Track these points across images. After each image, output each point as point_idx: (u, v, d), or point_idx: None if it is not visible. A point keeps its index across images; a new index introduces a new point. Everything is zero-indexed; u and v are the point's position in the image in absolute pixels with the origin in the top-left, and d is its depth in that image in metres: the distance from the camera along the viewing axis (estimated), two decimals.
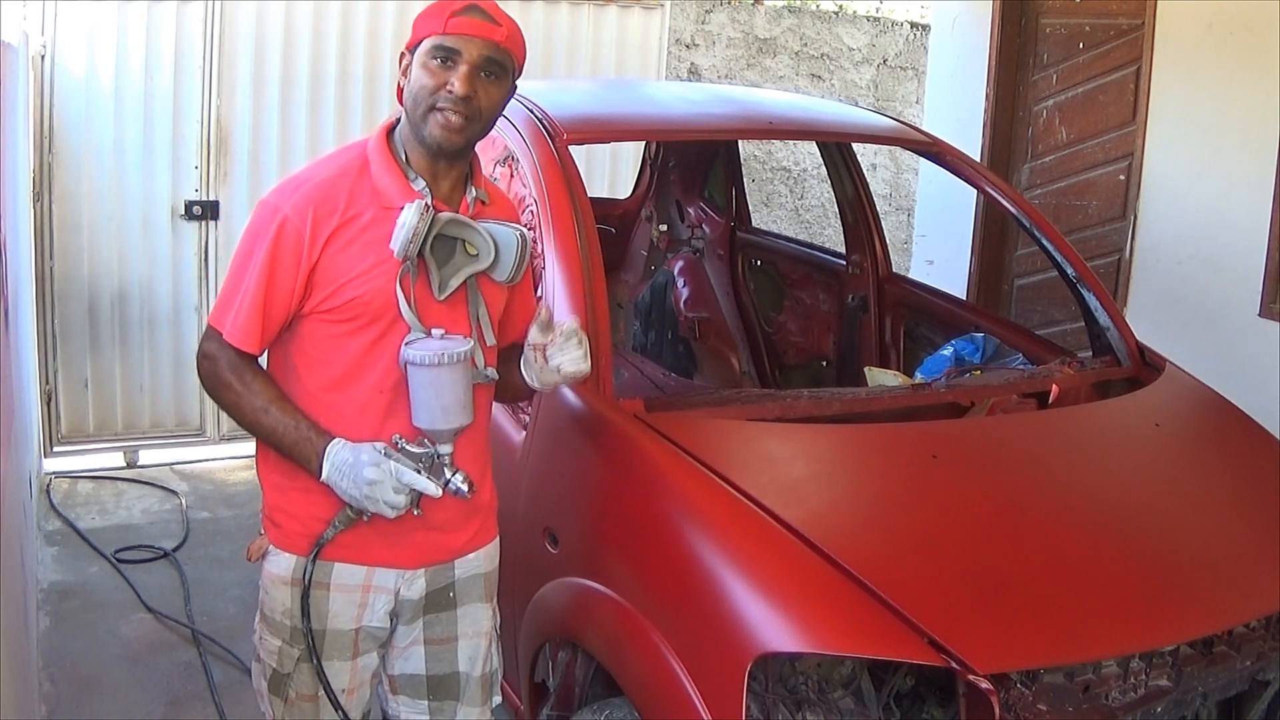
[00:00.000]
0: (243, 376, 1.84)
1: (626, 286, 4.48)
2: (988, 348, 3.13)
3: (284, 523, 1.94)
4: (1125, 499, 2.32)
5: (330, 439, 1.82)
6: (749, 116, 3.30)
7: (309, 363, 1.87)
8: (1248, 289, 4.23)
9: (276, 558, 1.94)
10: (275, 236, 1.80)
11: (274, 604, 1.95)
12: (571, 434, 2.35)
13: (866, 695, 1.86)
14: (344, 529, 1.87)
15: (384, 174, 1.86)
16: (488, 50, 1.83)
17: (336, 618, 1.94)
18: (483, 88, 1.84)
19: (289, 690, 1.97)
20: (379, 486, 1.78)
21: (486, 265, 1.88)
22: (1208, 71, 4.38)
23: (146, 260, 4.61)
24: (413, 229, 1.77)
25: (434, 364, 1.79)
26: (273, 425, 1.83)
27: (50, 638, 3.41)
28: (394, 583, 1.97)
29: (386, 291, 1.82)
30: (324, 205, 1.81)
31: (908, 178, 7.94)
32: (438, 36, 1.81)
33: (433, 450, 1.83)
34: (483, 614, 2.08)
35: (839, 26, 7.79)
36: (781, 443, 2.33)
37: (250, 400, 1.84)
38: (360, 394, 1.86)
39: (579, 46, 5.32)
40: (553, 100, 2.93)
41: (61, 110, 4.39)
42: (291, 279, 1.81)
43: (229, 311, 1.83)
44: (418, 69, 1.83)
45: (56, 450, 4.65)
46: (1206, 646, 2.04)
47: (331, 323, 1.84)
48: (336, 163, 1.89)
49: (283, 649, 1.95)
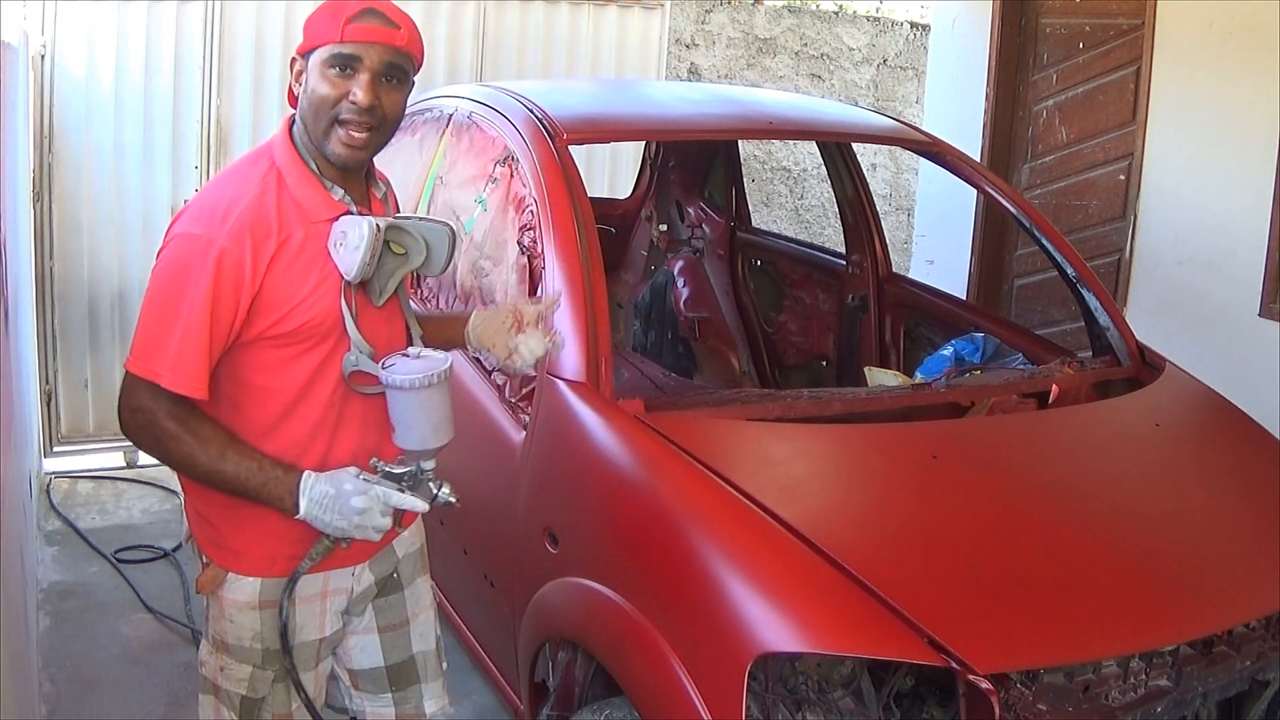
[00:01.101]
0: (187, 424, 1.71)
1: (626, 286, 4.48)
2: (988, 348, 3.13)
3: (242, 548, 1.86)
4: (1125, 499, 2.32)
5: (299, 474, 1.75)
6: (749, 116, 3.30)
7: (250, 391, 1.79)
8: (1248, 289, 4.23)
9: (239, 584, 1.87)
10: (215, 270, 1.67)
11: (241, 631, 1.88)
12: (571, 434, 2.35)
13: (866, 695, 1.86)
14: (322, 558, 1.83)
15: (303, 188, 1.79)
16: (389, 55, 1.75)
17: (302, 630, 1.91)
18: (385, 94, 1.76)
19: (263, 714, 1.92)
20: (368, 514, 1.73)
21: (419, 264, 1.85)
22: (1208, 71, 4.38)
23: (146, 261, 4.57)
24: (369, 251, 1.73)
25: (423, 386, 1.76)
26: (234, 471, 1.72)
27: (50, 638, 3.41)
28: (346, 583, 1.97)
29: (333, 310, 1.78)
30: (259, 229, 1.72)
31: (908, 178, 7.95)
32: (335, 45, 1.72)
33: (415, 468, 1.80)
34: (424, 588, 2.12)
35: (839, 26, 7.79)
36: (781, 443, 2.33)
37: (204, 449, 1.71)
38: (313, 413, 1.81)
39: (579, 46, 5.32)
40: (553, 100, 2.93)
41: (61, 111, 4.39)
42: (233, 312, 1.70)
43: (163, 356, 1.68)
44: (315, 79, 1.74)
45: (56, 450, 4.65)
46: (1206, 646, 2.03)
47: (279, 347, 1.77)
48: (251, 180, 1.77)
49: (255, 673, 1.89)
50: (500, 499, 2.51)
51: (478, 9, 5.08)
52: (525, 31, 5.21)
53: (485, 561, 2.65)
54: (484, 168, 2.93)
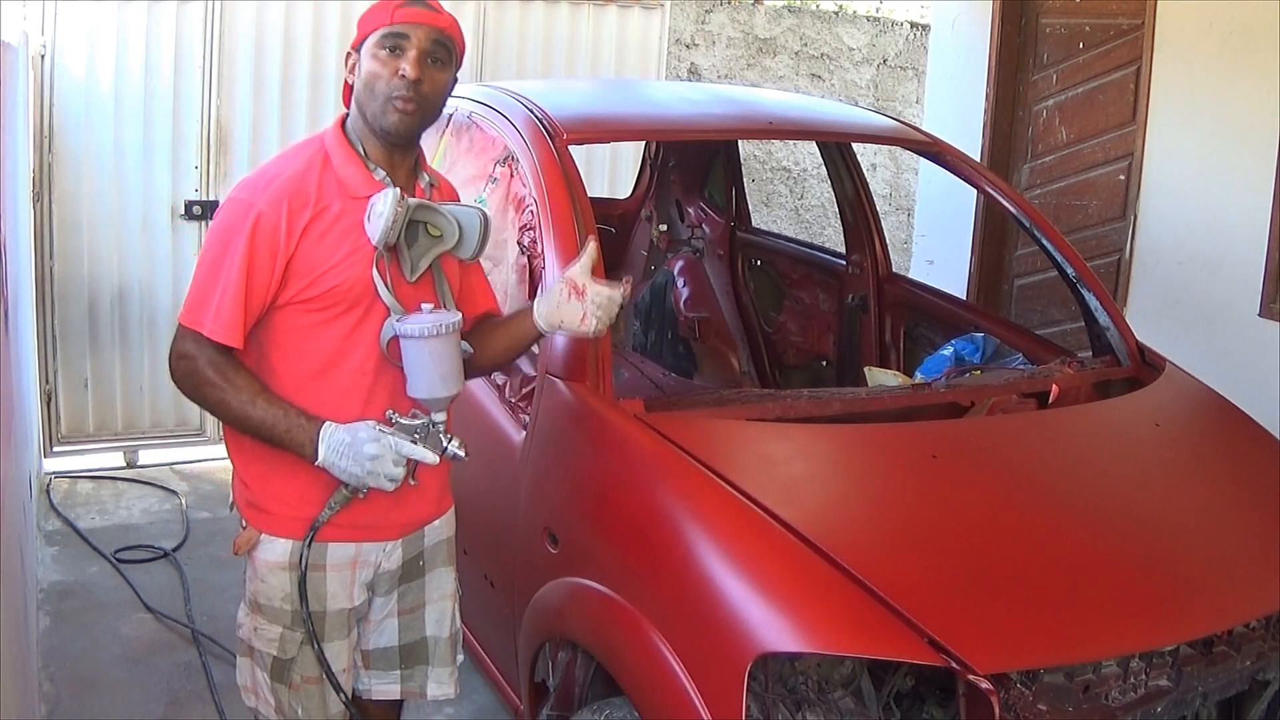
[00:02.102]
0: (224, 372, 1.86)
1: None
2: (988, 348, 3.13)
3: (274, 509, 1.97)
4: (1125, 499, 2.32)
5: (321, 422, 1.86)
6: (749, 116, 3.30)
7: (285, 354, 1.91)
8: (1248, 289, 4.23)
9: (271, 544, 1.97)
10: (252, 231, 1.83)
11: (272, 591, 1.98)
12: (571, 434, 2.35)
13: (866, 695, 1.86)
14: (339, 509, 1.92)
15: (347, 166, 1.92)
16: (434, 35, 1.91)
17: (335, 598, 1.99)
18: (429, 73, 1.91)
19: (293, 675, 2.01)
20: (381, 461, 1.83)
21: (451, 245, 1.95)
22: (1208, 71, 4.38)
23: (146, 260, 4.61)
24: (391, 217, 1.84)
25: (432, 335, 1.86)
26: (261, 416, 1.86)
27: (50, 638, 3.41)
28: (376, 556, 2.03)
29: (363, 278, 1.89)
30: (296, 199, 1.86)
31: (908, 178, 7.94)
32: (385, 27, 1.89)
33: (427, 420, 1.90)
34: (447, 577, 2.18)
35: (839, 26, 7.79)
36: (781, 443, 2.33)
37: (235, 395, 1.86)
38: (342, 379, 1.92)
39: (579, 46, 5.32)
40: (553, 100, 2.93)
41: (61, 110, 4.39)
42: (269, 272, 1.85)
43: (207, 308, 1.85)
44: (368, 60, 1.90)
45: (56, 450, 4.64)
46: (1206, 646, 2.03)
47: (309, 311, 1.89)
48: (300, 158, 1.93)
49: (284, 635, 1.99)
50: (500, 499, 2.51)
51: (478, 9, 5.08)
52: (525, 31, 5.21)
53: (485, 561, 2.65)
54: (484, 168, 2.93)
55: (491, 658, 2.74)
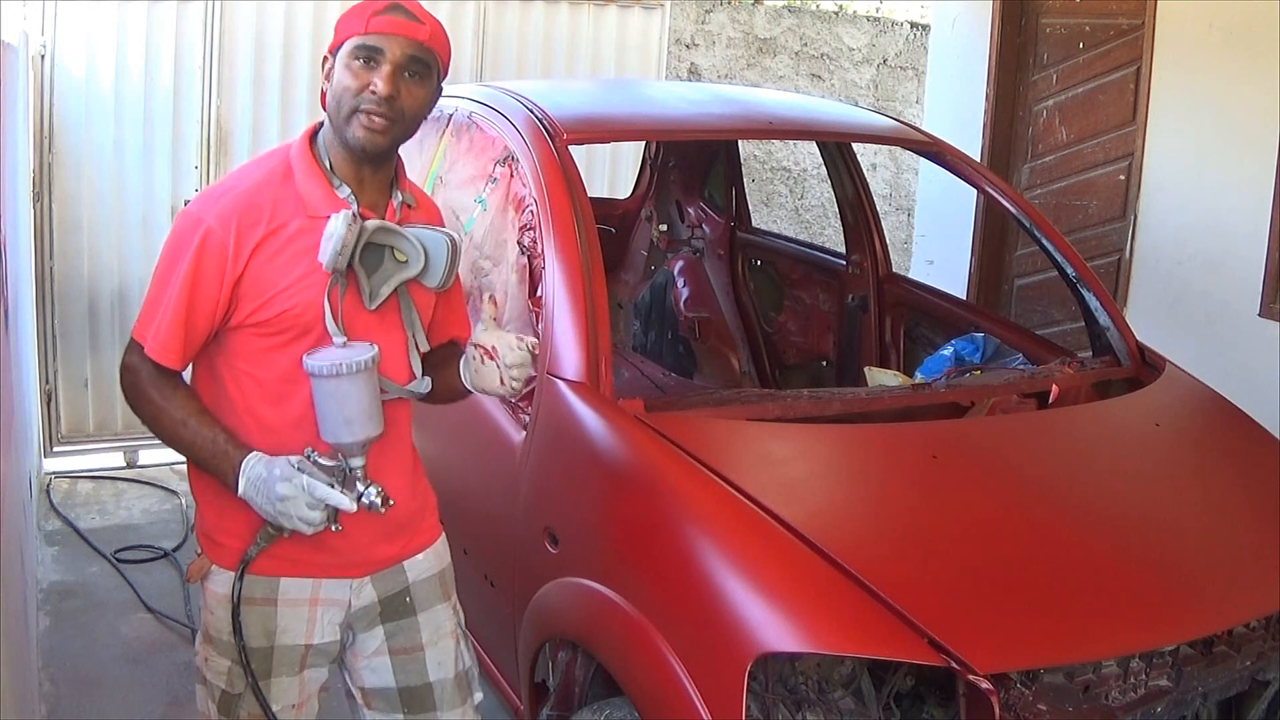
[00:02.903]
0: (161, 390, 1.79)
1: (626, 286, 4.49)
2: (988, 348, 3.13)
3: (225, 541, 1.88)
4: (1125, 499, 2.32)
5: (246, 452, 1.76)
6: (749, 116, 3.30)
7: (238, 378, 1.82)
8: (1248, 289, 4.23)
9: (221, 576, 1.88)
10: (199, 248, 1.74)
11: (220, 624, 1.89)
12: (571, 434, 2.35)
13: (866, 695, 1.86)
14: (266, 545, 1.81)
15: (308, 181, 1.81)
16: (411, 49, 1.77)
17: (284, 633, 1.89)
18: (406, 88, 1.78)
19: (240, 711, 1.92)
20: (292, 503, 1.72)
21: (417, 272, 1.82)
22: (1208, 71, 4.38)
23: (146, 260, 4.60)
24: (340, 240, 1.71)
25: (332, 374, 1.72)
26: (190, 439, 1.77)
27: (50, 638, 3.41)
28: (343, 594, 1.93)
29: (317, 304, 1.77)
30: (248, 215, 1.76)
31: (908, 178, 7.94)
32: (359, 36, 1.77)
33: (342, 463, 1.77)
34: (444, 615, 2.04)
35: (839, 26, 7.78)
36: (781, 443, 2.33)
37: (169, 414, 1.78)
38: (294, 409, 1.81)
39: (579, 46, 5.32)
40: (553, 100, 2.93)
41: (61, 110, 4.39)
42: (215, 291, 1.75)
43: (151, 324, 1.77)
44: (340, 70, 1.78)
45: (56, 450, 4.65)
46: (1206, 646, 2.03)
47: (261, 336, 1.79)
48: (259, 171, 1.83)
49: (232, 669, 1.90)
50: (500, 499, 2.51)
51: (478, 9, 5.08)
52: (525, 31, 5.21)
53: (485, 561, 2.65)
54: (484, 168, 2.93)
55: (491, 658, 2.74)
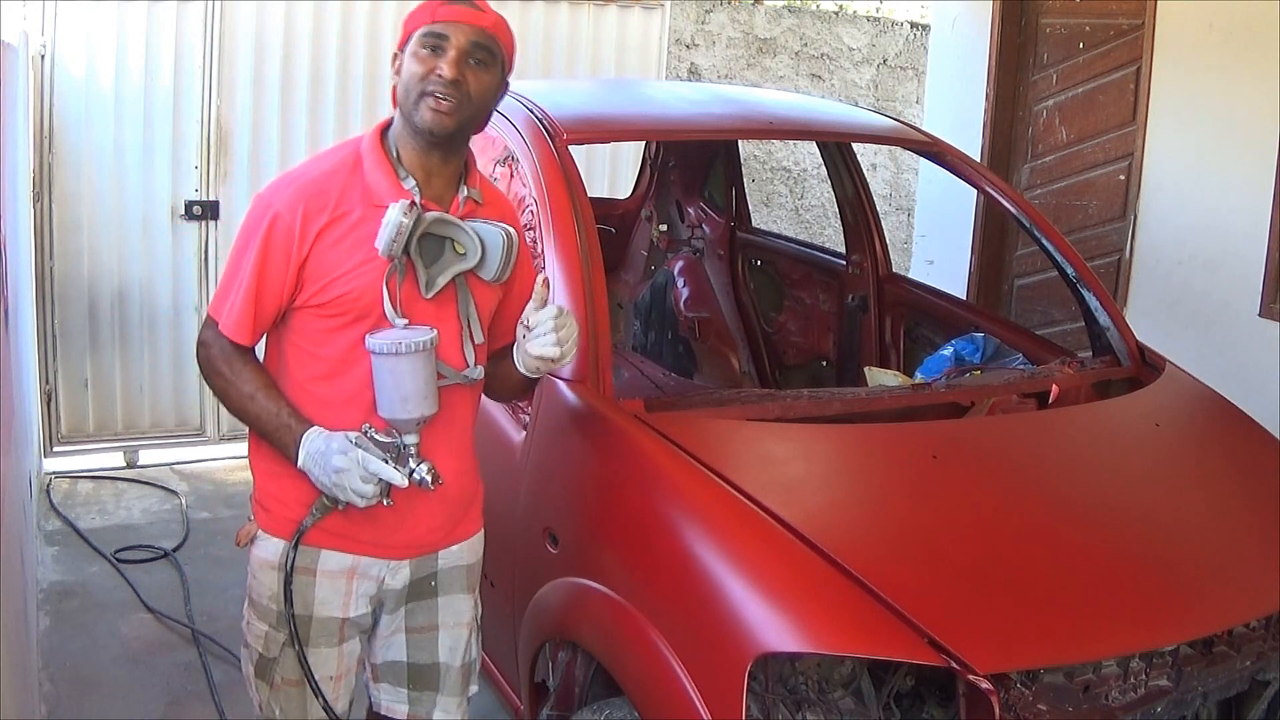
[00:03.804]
0: (233, 364, 1.89)
1: (626, 286, 4.48)
2: (988, 348, 3.13)
3: (273, 508, 1.96)
4: (1125, 499, 2.32)
5: (308, 426, 1.85)
6: (749, 116, 3.30)
7: (298, 355, 1.91)
8: (1248, 289, 4.23)
9: (265, 542, 1.97)
10: (267, 231, 1.84)
11: (261, 589, 1.98)
12: (571, 434, 2.35)
13: (866, 695, 1.86)
14: (321, 517, 1.89)
15: (375, 171, 1.89)
16: (475, 36, 1.86)
17: (323, 605, 1.96)
18: (471, 74, 1.86)
19: (275, 675, 1.99)
20: (346, 475, 1.79)
21: (474, 264, 1.89)
22: (1208, 71, 4.38)
23: (146, 260, 4.61)
24: (396, 227, 1.79)
25: (391, 353, 1.80)
26: (257, 412, 1.87)
27: (50, 638, 3.41)
28: (379, 571, 1.99)
29: (374, 289, 1.85)
30: (314, 201, 1.85)
31: (908, 178, 7.94)
32: (426, 26, 1.85)
33: (397, 440, 1.84)
34: (465, 605, 2.10)
35: (839, 26, 7.78)
36: (781, 443, 2.33)
37: (238, 387, 1.89)
38: (348, 387, 1.89)
39: (579, 46, 5.32)
40: (553, 100, 2.93)
41: (61, 110, 4.39)
42: (282, 273, 1.85)
43: (225, 302, 1.89)
44: (408, 60, 1.86)
45: (56, 450, 4.65)
46: (1206, 646, 2.03)
47: (321, 317, 1.87)
48: (331, 160, 1.92)
49: (269, 634, 1.98)
50: (500, 499, 2.50)
51: None
52: (525, 31, 5.20)
53: (485, 561, 2.64)
54: (484, 168, 2.92)
55: (491, 658, 2.74)
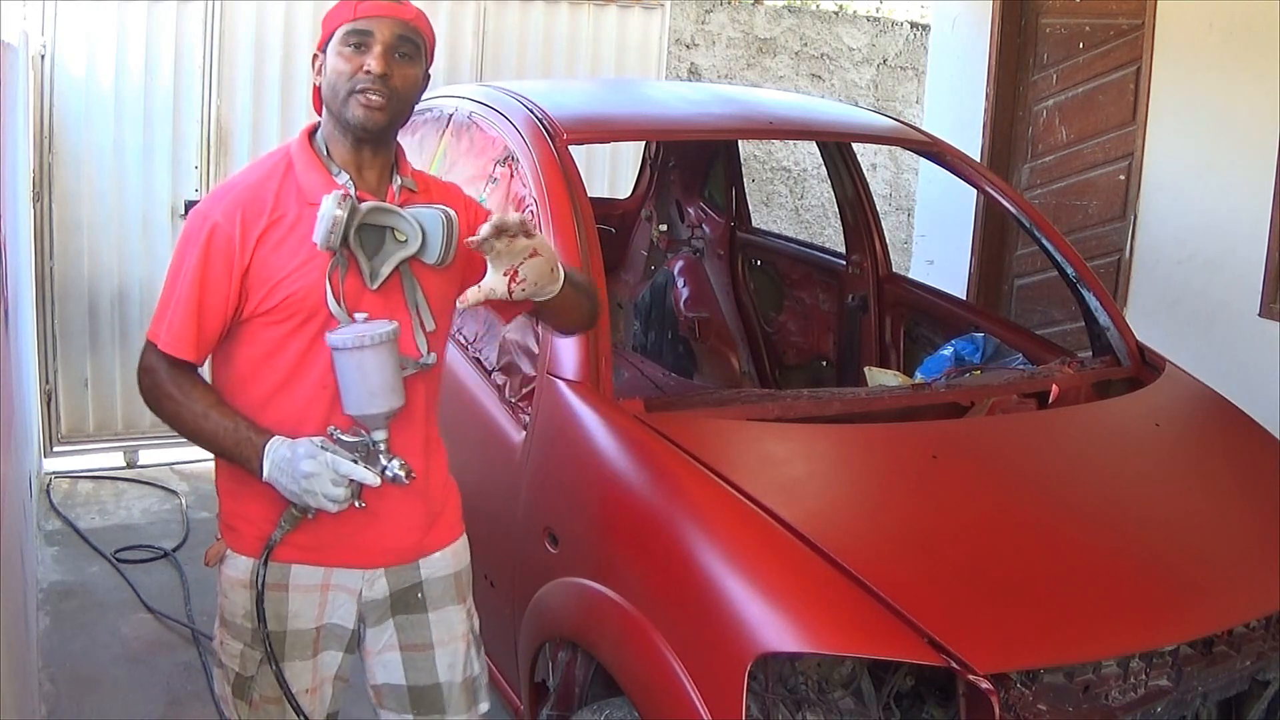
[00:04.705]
0: (180, 385, 1.85)
1: (626, 286, 4.48)
2: (988, 348, 3.13)
3: (240, 527, 1.94)
4: (1125, 499, 2.32)
5: (269, 436, 1.81)
6: (749, 116, 3.30)
7: (252, 368, 1.88)
8: (1248, 289, 4.22)
9: (234, 561, 1.95)
10: (206, 242, 1.81)
11: (234, 608, 1.95)
12: (571, 434, 2.35)
13: (866, 695, 1.86)
14: (291, 529, 1.86)
15: (308, 171, 1.87)
16: (399, 29, 1.84)
17: (296, 618, 1.93)
18: (398, 67, 1.84)
19: (253, 693, 1.96)
20: (316, 479, 1.76)
21: (415, 250, 1.85)
22: (1208, 71, 4.38)
23: (146, 260, 4.61)
24: (331, 219, 1.75)
25: (355, 347, 1.77)
26: (213, 430, 1.84)
27: (50, 638, 3.41)
28: (355, 583, 1.96)
29: (319, 287, 1.82)
30: (251, 207, 1.83)
31: (908, 178, 7.94)
32: (349, 24, 1.83)
33: (367, 438, 1.81)
34: (457, 617, 2.04)
35: (839, 26, 7.79)
36: (781, 443, 2.33)
37: (189, 407, 1.84)
38: (304, 392, 1.86)
39: (579, 46, 5.32)
40: (553, 100, 2.93)
41: (61, 110, 4.39)
42: (225, 283, 1.82)
43: (163, 322, 1.84)
44: (333, 59, 1.84)
45: (56, 450, 4.64)
46: (1206, 646, 2.03)
47: (271, 324, 1.84)
48: (262, 167, 1.91)
49: (244, 652, 1.95)
50: (500, 499, 2.51)
51: (478, 9, 5.08)
52: (525, 31, 5.21)
53: (485, 561, 2.64)
54: (484, 168, 2.93)
55: (491, 658, 2.74)
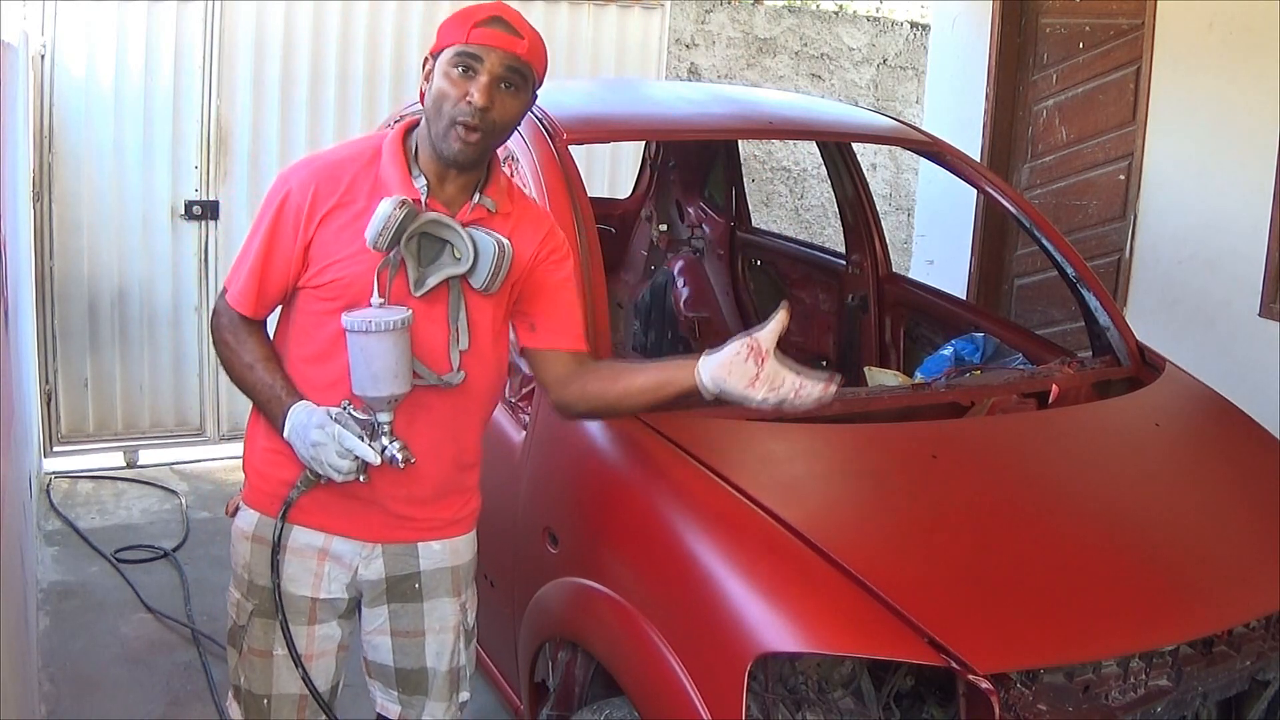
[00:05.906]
0: (238, 334, 1.95)
1: (626, 286, 4.48)
2: (988, 348, 3.13)
3: (254, 481, 2.03)
4: (1125, 499, 2.32)
5: (297, 400, 1.89)
6: (749, 116, 3.30)
7: (298, 334, 1.96)
8: (1248, 289, 4.23)
9: (244, 512, 2.04)
10: (279, 208, 1.89)
11: (236, 556, 2.04)
12: (571, 434, 2.35)
13: (866, 695, 1.86)
14: (306, 489, 1.92)
15: (390, 166, 1.91)
16: (509, 61, 1.84)
17: (292, 581, 1.99)
18: (500, 99, 1.85)
19: (243, 643, 2.03)
20: (323, 449, 1.83)
21: (465, 270, 1.88)
22: (1208, 71, 4.38)
23: (146, 260, 4.61)
24: (384, 219, 1.80)
25: (362, 330, 1.82)
26: (254, 382, 1.93)
27: (50, 638, 3.41)
28: (351, 557, 2.00)
29: (365, 278, 1.87)
30: (326, 185, 1.89)
31: (908, 178, 7.94)
32: (460, 45, 1.83)
33: (371, 418, 1.86)
34: (449, 609, 2.08)
35: (839, 26, 7.79)
36: (781, 443, 2.33)
37: (240, 356, 1.94)
38: (334, 370, 1.90)
39: (579, 46, 5.32)
40: (553, 100, 2.92)
41: (61, 110, 4.39)
42: (289, 250, 1.89)
43: (237, 274, 1.95)
44: (439, 77, 1.86)
45: (56, 450, 4.64)
46: (1206, 646, 2.03)
47: (317, 300, 1.92)
48: (352, 148, 1.97)
49: (239, 602, 2.03)
50: (500, 499, 2.51)
51: None
52: None
53: (485, 561, 2.64)
54: None
55: (491, 658, 2.74)
